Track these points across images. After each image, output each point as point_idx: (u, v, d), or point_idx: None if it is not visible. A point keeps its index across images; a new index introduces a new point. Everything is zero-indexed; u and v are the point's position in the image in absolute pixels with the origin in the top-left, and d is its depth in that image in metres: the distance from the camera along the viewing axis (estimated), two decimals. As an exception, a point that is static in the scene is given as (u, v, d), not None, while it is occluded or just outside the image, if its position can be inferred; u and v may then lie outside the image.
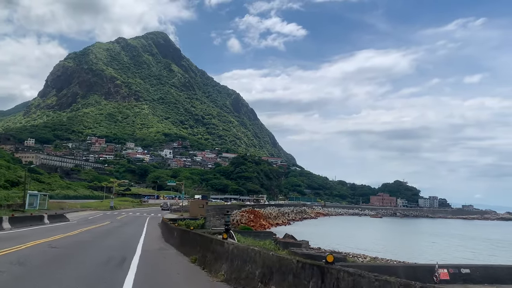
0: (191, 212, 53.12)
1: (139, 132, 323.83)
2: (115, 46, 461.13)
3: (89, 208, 66.23)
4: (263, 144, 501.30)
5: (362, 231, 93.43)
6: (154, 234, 29.93)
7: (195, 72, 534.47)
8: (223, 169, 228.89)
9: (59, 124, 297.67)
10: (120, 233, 28.82)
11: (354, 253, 36.54)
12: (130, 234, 28.66)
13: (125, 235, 27.12)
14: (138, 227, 36.40)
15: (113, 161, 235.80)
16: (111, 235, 27.00)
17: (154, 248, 20.21)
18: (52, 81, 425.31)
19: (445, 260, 42.92)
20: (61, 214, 42.10)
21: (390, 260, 33.80)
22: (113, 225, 37.65)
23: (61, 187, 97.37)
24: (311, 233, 69.38)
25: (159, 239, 25.81)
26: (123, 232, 29.82)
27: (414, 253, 50.30)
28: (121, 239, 24.01)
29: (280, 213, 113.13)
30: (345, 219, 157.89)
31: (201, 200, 78.66)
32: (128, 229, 33.35)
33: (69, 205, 59.32)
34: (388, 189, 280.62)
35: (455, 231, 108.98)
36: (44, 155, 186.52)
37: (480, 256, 52.61)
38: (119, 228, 34.09)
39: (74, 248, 18.63)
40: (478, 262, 40.13)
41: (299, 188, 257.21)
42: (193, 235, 17.95)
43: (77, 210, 56.93)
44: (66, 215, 42.64)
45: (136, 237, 25.61)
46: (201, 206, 53.57)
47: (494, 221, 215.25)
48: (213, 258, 13.10)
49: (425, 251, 56.00)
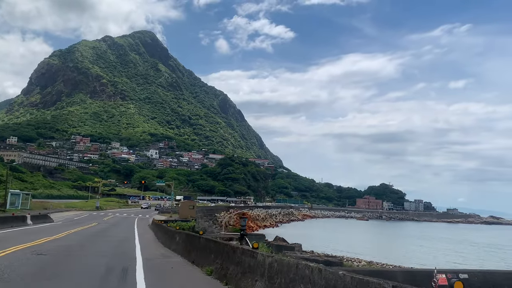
0: (181, 214, 51.50)
1: (125, 131, 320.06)
2: (101, 45, 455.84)
3: (74, 208, 64.29)
4: (250, 145, 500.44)
5: (350, 234, 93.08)
6: (148, 236, 28.38)
7: (182, 72, 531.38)
8: (210, 170, 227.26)
9: (42, 123, 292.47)
10: (111, 236, 26.84)
11: (348, 257, 35.78)
12: (122, 236, 26.92)
13: (117, 238, 25.41)
14: (128, 229, 34.70)
15: (97, 161, 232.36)
16: (102, 238, 25.13)
17: (155, 255, 18.00)
18: (36, 78, 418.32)
19: (436, 265, 42.40)
20: (45, 214, 40.05)
21: (386, 265, 33.13)
22: (101, 227, 35.74)
23: (44, 186, 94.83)
24: (300, 236, 68.55)
25: (155, 243, 23.94)
26: (114, 235, 27.95)
27: (405, 257, 49.86)
28: (114, 243, 22.25)
29: (268, 215, 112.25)
30: (332, 221, 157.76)
31: (191, 201, 76.60)
32: (118, 231, 31.52)
33: (53, 205, 57.34)
34: (374, 192, 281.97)
35: (441, 234, 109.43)
36: (27, 154, 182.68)
37: (468, 260, 52.45)
38: (109, 230, 32.25)
39: (63, 254, 16.18)
40: (474, 267, 39.67)
41: (286, 190, 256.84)
42: (205, 241, 15.27)
43: (61, 210, 55.08)
44: (50, 216, 40.65)
45: (130, 241, 23.79)
46: (191, 208, 52.04)
47: (478, 224, 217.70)
48: (239, 272, 10.75)
49: (414, 255, 55.66)
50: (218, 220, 70.11)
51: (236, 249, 11.78)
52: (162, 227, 28.56)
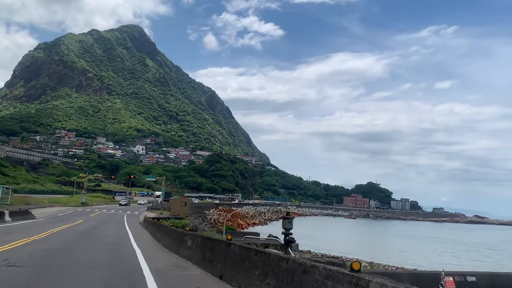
0: (173, 211, 49.17)
1: (111, 127, 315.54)
2: (88, 38, 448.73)
3: (58, 204, 61.43)
4: (238, 143, 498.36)
5: (340, 233, 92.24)
6: (145, 237, 25.26)
7: (170, 67, 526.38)
8: (198, 166, 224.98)
9: (26, 116, 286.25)
10: (102, 236, 23.57)
11: (347, 258, 34.46)
12: (115, 237, 23.70)
13: (109, 239, 22.29)
14: (120, 227, 31.81)
15: (83, 156, 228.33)
16: (91, 239, 22.00)
17: (165, 265, 14.14)
18: (20, 71, 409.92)
19: (431, 266, 41.59)
20: (26, 210, 37.05)
21: (388, 266, 31.94)
22: (88, 225, 32.58)
23: (27, 181, 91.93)
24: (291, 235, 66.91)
25: (157, 247, 20.42)
26: (105, 235, 24.82)
27: (400, 257, 48.83)
28: (108, 246, 18.82)
29: (256, 212, 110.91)
30: (320, 219, 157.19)
31: (183, 197, 74.06)
32: (109, 231, 28.55)
33: (36, 200, 54.76)
34: (362, 190, 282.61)
35: (430, 233, 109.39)
36: (10, 148, 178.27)
37: (463, 261, 51.72)
38: (98, 229, 29.20)
39: (42, 266, 12.20)
40: (469, 268, 38.83)
41: (274, 188, 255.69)
42: (241, 250, 10.85)
43: (44, 206, 52.26)
44: (31, 212, 37.81)
45: (125, 243, 20.63)
46: (183, 204, 49.87)
47: (463, 224, 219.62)
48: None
49: (408, 255, 54.69)
50: (207, 218, 68.39)
51: (311, 267, 7.26)
52: (161, 226, 25.49)
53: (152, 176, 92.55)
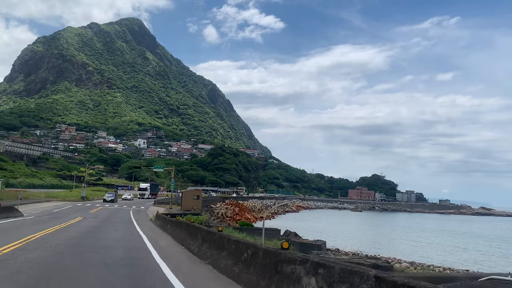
0: (184, 205, 44.53)
1: (112, 120, 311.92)
2: (87, 31, 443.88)
3: (55, 199, 57.20)
4: (239, 136, 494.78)
5: (351, 226, 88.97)
6: (169, 246, 17.38)
7: (170, 60, 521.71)
8: (200, 160, 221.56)
9: (26, 111, 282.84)
10: (106, 247, 15.54)
11: (384, 256, 30.92)
12: (126, 248, 15.75)
13: (118, 253, 14.34)
14: (128, 228, 25.16)
15: (83, 150, 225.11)
16: (91, 251, 14.36)
17: None
18: (19, 65, 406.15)
19: (465, 264, 38.18)
20: (10, 206, 31.11)
21: (432, 266, 28.50)
22: (88, 224, 26.14)
23: (25, 175, 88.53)
24: (302, 228, 63.91)
25: (207, 271, 11.40)
26: (111, 244, 16.67)
27: (428, 254, 45.23)
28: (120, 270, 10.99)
29: (263, 206, 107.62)
30: (326, 212, 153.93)
31: (196, 190, 69.19)
32: (114, 234, 21.39)
33: (30, 195, 50.44)
34: (366, 182, 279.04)
35: (442, 226, 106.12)
36: (9, 142, 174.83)
37: (493, 258, 47.99)
38: (100, 232, 21.77)
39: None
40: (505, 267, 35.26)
41: (277, 181, 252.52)
42: None
43: (39, 201, 48.19)
44: (18, 208, 32.10)
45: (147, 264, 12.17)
46: (196, 198, 45.41)
47: (470, 216, 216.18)
48: None
49: (434, 252, 50.96)
50: (215, 212, 64.97)
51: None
52: (192, 227, 17.13)
53: (160, 167, 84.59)
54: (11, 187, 60.97)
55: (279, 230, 30.49)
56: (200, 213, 35.49)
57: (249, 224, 33.40)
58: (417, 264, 28.13)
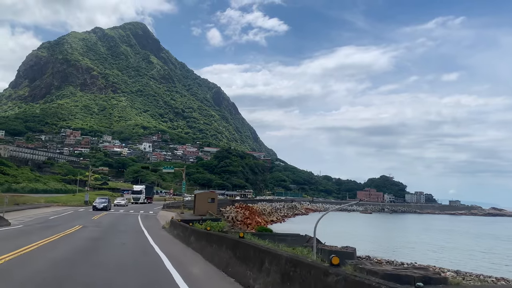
0: (197, 209, 40.93)
1: (117, 125, 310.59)
2: (91, 36, 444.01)
3: (56, 204, 53.89)
4: (245, 138, 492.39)
5: (367, 229, 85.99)
6: (207, 274, 11.61)
7: (174, 64, 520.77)
8: (206, 163, 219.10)
9: (31, 116, 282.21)
10: (109, 281, 10.06)
11: (430, 265, 27.97)
12: (140, 283, 9.96)
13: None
14: (139, 241, 19.88)
15: (89, 155, 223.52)
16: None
17: None
18: (24, 71, 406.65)
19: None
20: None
21: (482, 276, 25.59)
22: (86, 236, 20.98)
23: (28, 180, 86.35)
24: (317, 232, 60.59)
25: None
26: (116, 281, 10.11)
27: (464, 261, 42.12)
28: None
29: (273, 209, 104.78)
30: (336, 215, 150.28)
31: (211, 192, 64.52)
32: (120, 251, 16.26)
33: (28, 200, 47.47)
34: (375, 184, 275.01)
35: (459, 228, 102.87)
36: (14, 147, 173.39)
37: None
38: (101, 249, 16.64)
39: None
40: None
41: (284, 183, 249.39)
42: None
43: (38, 206, 45.00)
44: (4, 216, 28.08)
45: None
46: (211, 201, 42.16)
47: (482, 216, 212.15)
48: None
49: (470, 258, 47.80)
50: (225, 215, 62.13)
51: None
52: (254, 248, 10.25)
53: (170, 167, 78.80)
54: (13, 192, 58.47)
55: (303, 236, 27.52)
56: (219, 218, 32.21)
57: (268, 230, 29.53)
58: (465, 274, 25.27)
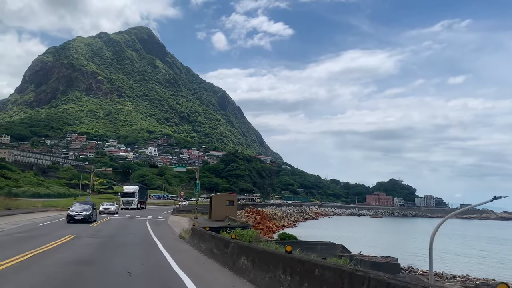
0: (214, 213, 35.66)
1: (122, 129, 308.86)
2: (96, 41, 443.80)
3: (54, 208, 49.69)
4: (250, 142, 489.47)
5: (383, 235, 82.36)
6: None
7: (180, 68, 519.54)
8: (213, 167, 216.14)
9: (36, 121, 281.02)
10: None
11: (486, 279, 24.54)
12: None
13: None
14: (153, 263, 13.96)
15: (94, 159, 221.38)
16: None
17: None
18: (30, 76, 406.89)
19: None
20: None
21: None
22: (74, 254, 15.02)
23: (30, 183, 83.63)
24: (334, 238, 57.57)
25: None
26: None
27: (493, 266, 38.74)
28: None
29: (284, 213, 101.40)
30: (346, 219, 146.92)
31: (229, 194, 54.95)
32: None
33: (22, 204, 43.78)
34: (384, 187, 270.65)
35: (479, 233, 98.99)
36: (18, 151, 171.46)
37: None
38: (92, 282, 10.42)
39: None
40: None
41: (292, 187, 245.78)
42: None
43: (32, 211, 40.90)
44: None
45: None
46: (229, 204, 36.27)
47: (494, 220, 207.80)
48: None
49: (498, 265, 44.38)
50: (237, 220, 58.78)
51: None
52: None
53: (182, 166, 72.47)
54: (13, 196, 55.54)
55: (335, 245, 23.83)
56: (247, 224, 28.20)
57: (292, 236, 25.24)
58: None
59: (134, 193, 68.53)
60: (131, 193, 68.55)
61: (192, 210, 48.92)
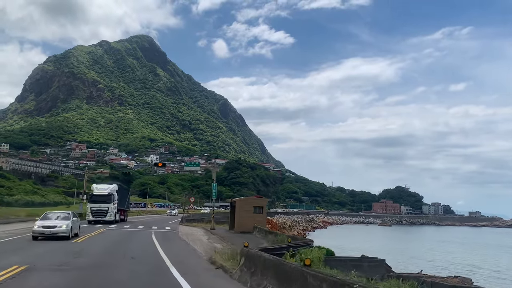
0: (239, 223, 28.99)
1: (123, 137, 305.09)
2: (97, 49, 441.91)
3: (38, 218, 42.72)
4: (252, 150, 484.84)
5: (397, 244, 77.54)
6: None
7: (181, 76, 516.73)
8: (216, 174, 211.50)
9: (36, 129, 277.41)
10: None
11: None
12: None
13: None
14: None
15: (94, 167, 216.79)
16: None
17: None
18: (30, 85, 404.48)
19: None
20: None
21: None
22: None
23: (24, 192, 79.16)
24: (349, 249, 53.13)
25: None
26: None
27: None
28: None
29: (293, 222, 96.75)
30: (354, 228, 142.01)
31: (257, 197, 44.06)
32: None
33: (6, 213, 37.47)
34: (390, 195, 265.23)
35: (493, 241, 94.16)
36: (16, 160, 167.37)
37: None
38: None
39: None
40: None
41: (296, 195, 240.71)
42: None
43: (9, 222, 33.89)
44: None
45: None
46: (258, 210, 29.25)
47: (505, 228, 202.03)
48: None
49: None
50: (278, 233, 54.25)
51: None
52: None
53: (196, 164, 59.44)
54: (5, 206, 51.00)
55: (383, 261, 18.96)
56: (310, 240, 22.16)
57: (329, 251, 19.82)
58: None
59: (111, 196, 43.54)
60: (106, 196, 43.25)
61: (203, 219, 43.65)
